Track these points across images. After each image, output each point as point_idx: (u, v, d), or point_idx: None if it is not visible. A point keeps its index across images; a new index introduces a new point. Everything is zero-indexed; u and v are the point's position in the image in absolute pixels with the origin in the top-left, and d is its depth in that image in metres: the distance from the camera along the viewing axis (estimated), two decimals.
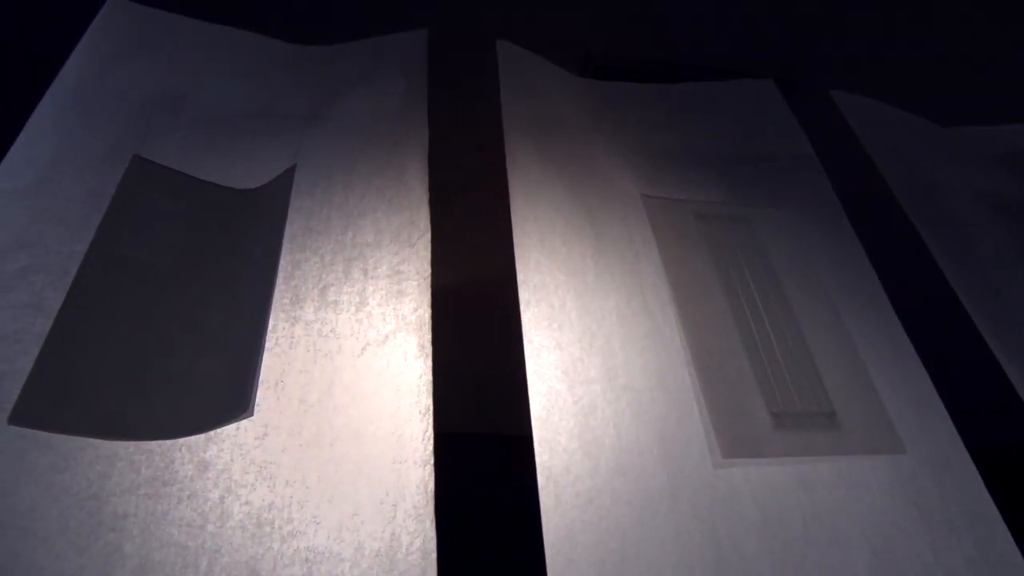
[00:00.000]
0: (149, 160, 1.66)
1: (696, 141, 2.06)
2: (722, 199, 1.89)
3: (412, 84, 1.89)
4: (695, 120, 2.13)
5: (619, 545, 1.20)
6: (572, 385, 1.40)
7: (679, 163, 1.98)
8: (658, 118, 2.12)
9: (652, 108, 2.15)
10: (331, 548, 1.16)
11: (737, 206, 1.87)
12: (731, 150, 2.06)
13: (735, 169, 1.99)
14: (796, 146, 2.06)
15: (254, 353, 1.36)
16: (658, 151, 2.01)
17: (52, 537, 1.14)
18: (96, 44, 1.85)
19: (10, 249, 1.43)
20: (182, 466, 1.23)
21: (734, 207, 1.87)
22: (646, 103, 2.17)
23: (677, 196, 1.86)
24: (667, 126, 2.09)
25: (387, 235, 1.57)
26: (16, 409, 1.23)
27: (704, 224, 1.79)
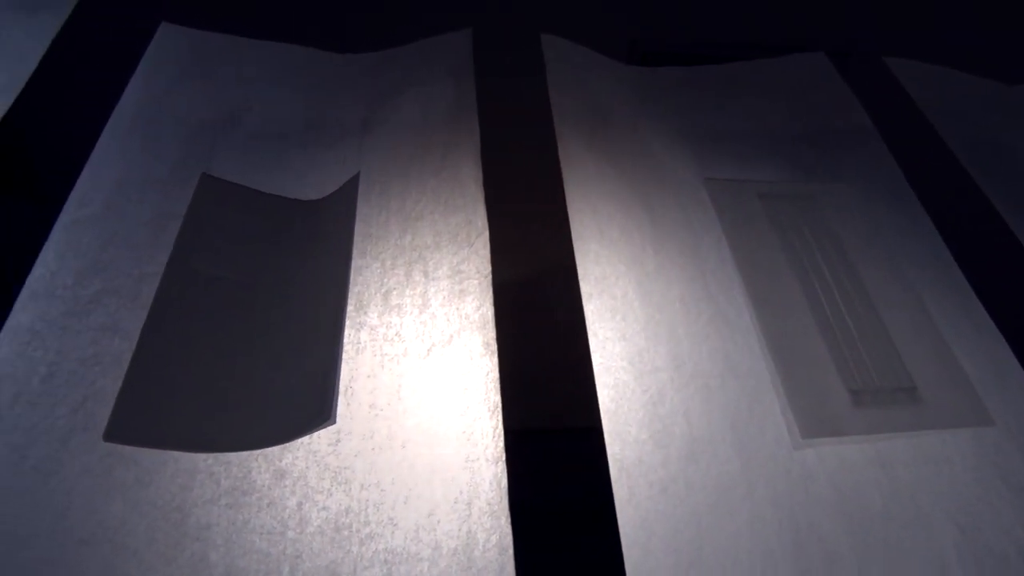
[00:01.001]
0: (217, 178, 1.70)
1: (751, 120, 2.03)
2: (784, 177, 1.86)
3: (460, 84, 1.91)
4: (749, 99, 2.10)
5: (695, 533, 1.19)
6: (639, 375, 1.39)
7: (736, 144, 1.95)
8: (710, 100, 2.09)
9: (703, 90, 2.13)
10: (409, 549, 1.18)
11: (800, 183, 1.84)
12: (788, 127, 2.02)
13: (794, 146, 1.95)
14: (854, 118, 2.01)
15: (332, 361, 1.38)
16: (713, 133, 1.98)
17: (141, 549, 1.18)
18: (152, 70, 1.91)
19: (85, 274, 1.49)
20: (259, 475, 1.26)
21: (797, 185, 1.84)
22: (697, 86, 2.14)
23: (737, 177, 1.83)
24: (720, 107, 2.07)
25: (445, 236, 1.58)
26: (110, 427, 1.28)
27: (768, 203, 1.76)
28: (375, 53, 2.07)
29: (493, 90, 1.91)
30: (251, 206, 1.69)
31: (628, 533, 1.19)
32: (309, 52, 2.05)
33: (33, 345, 1.37)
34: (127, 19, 2.02)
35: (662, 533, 1.19)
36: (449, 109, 1.86)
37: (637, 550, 1.17)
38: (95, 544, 1.18)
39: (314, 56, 2.05)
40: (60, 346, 1.38)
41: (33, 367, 1.35)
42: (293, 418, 1.33)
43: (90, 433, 1.28)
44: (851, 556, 1.20)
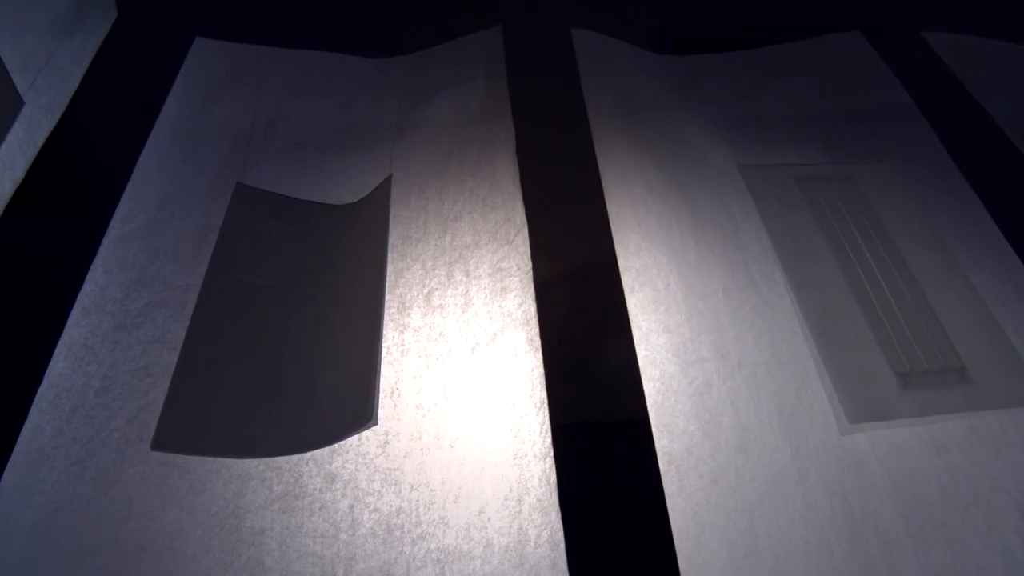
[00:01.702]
0: (251, 187, 1.72)
1: (787, 103, 2.01)
2: (822, 159, 1.83)
3: (492, 82, 1.91)
4: (783, 83, 2.08)
5: (748, 524, 1.18)
6: (685, 366, 1.38)
7: (772, 128, 1.93)
8: (745, 85, 2.07)
9: (736, 76, 2.11)
10: (461, 547, 1.19)
11: (838, 164, 1.82)
12: (825, 108, 1.99)
13: (832, 127, 1.93)
14: (892, 96, 1.98)
15: (372, 363, 1.40)
16: (749, 118, 1.96)
17: (199, 556, 1.20)
18: (188, 84, 1.94)
19: (133, 288, 1.52)
20: (310, 479, 1.28)
21: (835, 166, 1.81)
22: (731, 71, 2.13)
23: (774, 162, 1.82)
24: (755, 92, 2.05)
25: (485, 235, 1.59)
26: (157, 436, 1.31)
27: (806, 187, 1.74)
28: (406, 56, 2.08)
29: (525, 86, 1.91)
30: (287, 213, 1.71)
31: (680, 526, 1.18)
32: (340, 58, 2.07)
33: (87, 359, 1.41)
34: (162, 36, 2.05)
35: (714, 524, 1.18)
36: (482, 107, 1.87)
37: (689, 542, 1.17)
38: (155, 551, 1.21)
39: (345, 62, 2.06)
40: (112, 359, 1.41)
41: (88, 381, 1.38)
42: (337, 421, 1.35)
43: (145, 443, 1.31)
44: (909, 543, 1.18)
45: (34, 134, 1.57)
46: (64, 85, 1.68)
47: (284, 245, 1.66)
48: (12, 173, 1.49)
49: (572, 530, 1.19)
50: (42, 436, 1.31)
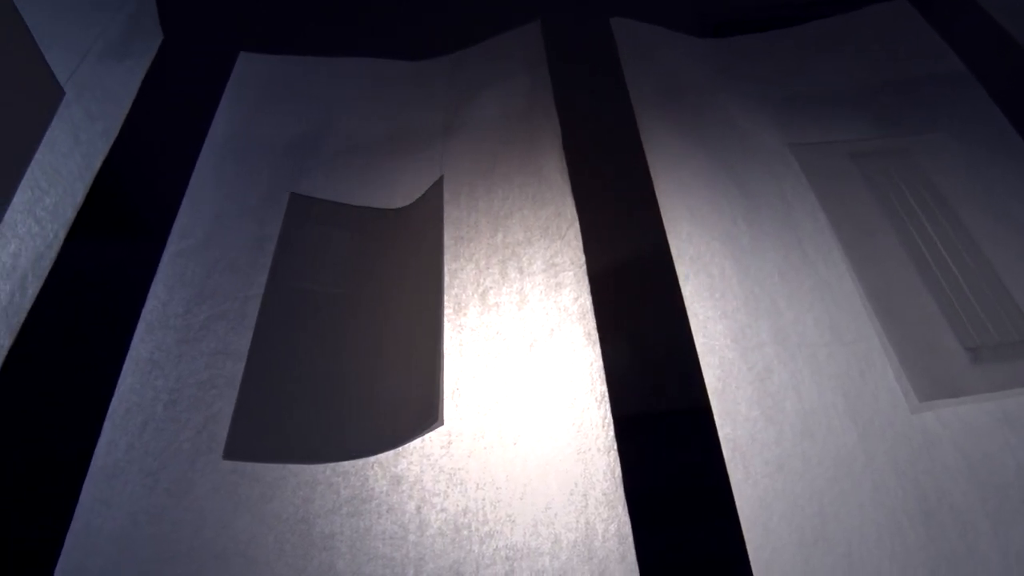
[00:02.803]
0: (305, 196, 1.75)
1: (835, 79, 1.97)
2: (875, 133, 1.80)
3: (535, 77, 1.91)
4: (828, 58, 2.04)
5: (817, 509, 1.17)
6: (744, 352, 1.37)
7: (822, 104, 1.90)
8: (789, 63, 2.04)
9: (780, 55, 2.07)
10: (529, 544, 1.19)
11: (892, 138, 1.78)
12: (876, 81, 1.95)
13: (883, 100, 1.89)
14: (944, 64, 1.93)
15: (435, 364, 1.41)
16: (796, 97, 1.93)
17: (272, 561, 1.23)
18: (236, 100, 1.98)
19: (194, 302, 1.55)
20: (377, 483, 1.30)
21: (889, 139, 1.77)
22: (775, 50, 2.09)
23: (825, 139, 1.78)
24: (802, 69, 2.01)
25: (536, 231, 1.59)
26: (228, 445, 1.34)
27: (860, 162, 1.71)
28: (448, 56, 2.09)
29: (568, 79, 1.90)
30: (341, 220, 1.73)
31: (747, 514, 1.17)
32: (383, 63, 2.08)
33: (154, 374, 1.44)
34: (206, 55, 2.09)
35: (782, 511, 1.17)
36: (527, 103, 1.87)
37: (758, 530, 1.15)
38: (229, 558, 1.23)
39: (388, 67, 2.08)
40: (178, 373, 1.45)
41: (156, 395, 1.42)
42: (402, 423, 1.36)
43: (214, 454, 1.34)
44: (986, 523, 1.15)
45: (91, 160, 1.61)
46: (117, 110, 1.72)
47: (340, 252, 1.68)
48: (73, 199, 1.54)
49: (639, 522, 1.18)
50: (116, 450, 1.34)
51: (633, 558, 1.15)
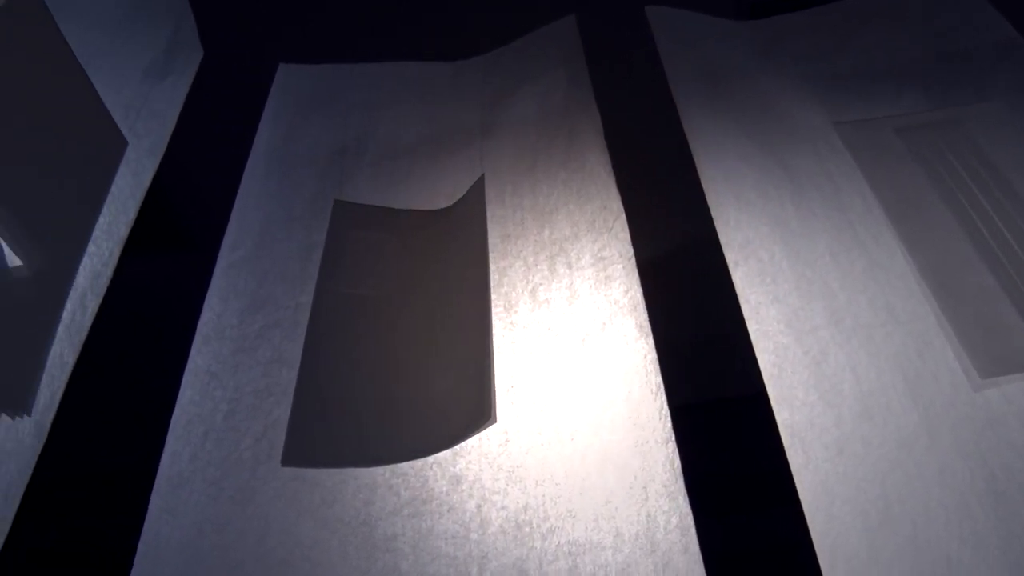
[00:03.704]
0: (349, 202, 1.77)
1: (880, 53, 1.93)
2: (922, 107, 1.76)
3: (572, 71, 1.90)
4: (869, 33, 1.99)
5: (880, 492, 1.15)
6: (798, 336, 1.35)
7: (866, 81, 1.86)
8: (830, 41, 2.00)
9: (820, 32, 2.04)
10: (591, 538, 1.19)
11: (941, 110, 1.74)
12: (919, 53, 1.91)
13: (931, 72, 1.85)
14: (995, 32, 1.88)
15: (486, 362, 1.41)
16: (838, 74, 1.90)
17: (336, 565, 1.24)
18: (278, 110, 2.00)
19: (247, 313, 1.58)
20: (436, 483, 1.31)
21: (938, 111, 1.74)
22: (814, 28, 2.06)
23: (870, 116, 1.75)
24: (844, 46, 1.97)
25: (583, 225, 1.59)
26: (286, 452, 1.36)
27: (907, 137, 1.68)
28: (484, 56, 2.09)
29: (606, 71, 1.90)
30: (386, 223, 1.74)
31: (809, 499, 1.16)
32: (420, 66, 2.09)
33: (212, 385, 1.47)
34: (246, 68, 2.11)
35: (845, 496, 1.15)
36: (565, 98, 1.86)
37: (821, 516, 1.14)
38: (294, 563, 1.25)
39: (425, 69, 2.09)
40: (236, 382, 1.47)
41: (216, 405, 1.44)
42: (457, 423, 1.37)
43: (274, 461, 1.36)
44: None
45: (140, 177, 1.64)
46: (162, 127, 1.75)
47: (387, 255, 1.69)
48: (126, 216, 1.57)
49: (700, 513, 1.18)
50: (180, 461, 1.37)
51: (696, 549, 1.14)
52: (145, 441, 1.47)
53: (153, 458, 1.37)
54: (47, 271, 1.28)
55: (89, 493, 1.96)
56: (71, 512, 1.89)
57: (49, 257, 1.29)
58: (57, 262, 1.32)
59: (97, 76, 1.48)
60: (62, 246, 1.35)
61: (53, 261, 1.31)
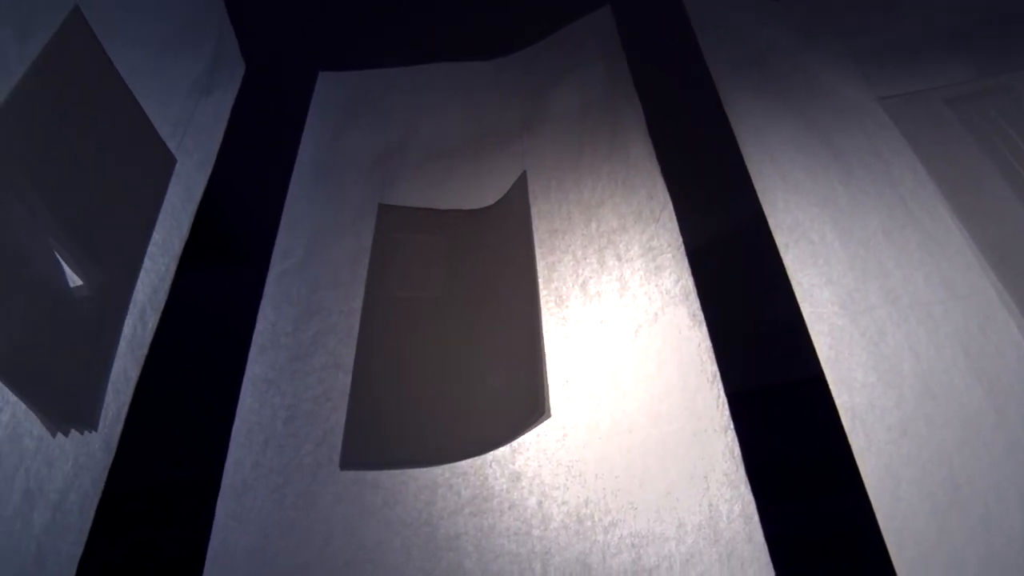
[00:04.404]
0: (394, 205, 1.78)
1: (926, 25, 1.89)
2: (972, 75, 1.71)
3: (611, 63, 1.89)
4: (919, 4, 1.95)
5: (947, 473, 1.12)
6: (854, 317, 1.33)
7: (911, 53, 1.82)
8: (872, 14, 1.96)
9: (863, 6, 2.00)
10: (653, 530, 1.19)
11: (991, 78, 1.69)
12: (967, 21, 1.86)
13: (980, 40, 1.80)
14: None
15: (537, 357, 1.41)
16: (881, 48, 1.86)
17: (400, 565, 1.26)
18: (320, 118, 2.02)
19: (301, 320, 1.60)
20: (496, 481, 1.31)
21: (989, 79, 1.69)
22: (853, 4, 2.02)
23: (917, 88, 1.71)
24: (889, 20, 1.93)
25: (630, 217, 1.58)
26: (343, 456, 1.37)
27: (957, 107, 1.64)
28: (521, 52, 2.09)
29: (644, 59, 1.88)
30: (431, 224, 1.75)
31: (873, 483, 1.14)
32: (459, 66, 2.10)
33: (271, 392, 1.49)
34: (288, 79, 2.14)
35: (911, 478, 1.13)
36: (605, 90, 1.86)
37: (886, 498, 1.12)
38: (359, 565, 1.27)
39: (463, 69, 2.09)
40: (293, 389, 1.49)
41: (275, 412, 1.47)
42: (512, 419, 1.37)
43: (334, 465, 1.38)
44: None
45: (192, 192, 1.67)
46: (210, 142, 1.78)
47: (434, 256, 1.70)
48: (180, 231, 1.60)
49: (763, 500, 1.17)
50: (243, 469, 1.40)
51: (761, 537, 1.13)
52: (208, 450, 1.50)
53: (216, 467, 1.40)
54: (107, 288, 1.31)
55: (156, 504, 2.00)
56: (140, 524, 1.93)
57: (108, 275, 1.32)
58: (116, 279, 1.35)
59: (145, 96, 1.51)
60: (119, 263, 1.38)
61: (112, 278, 1.34)
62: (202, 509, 1.37)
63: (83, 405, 1.23)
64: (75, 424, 1.20)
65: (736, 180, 1.57)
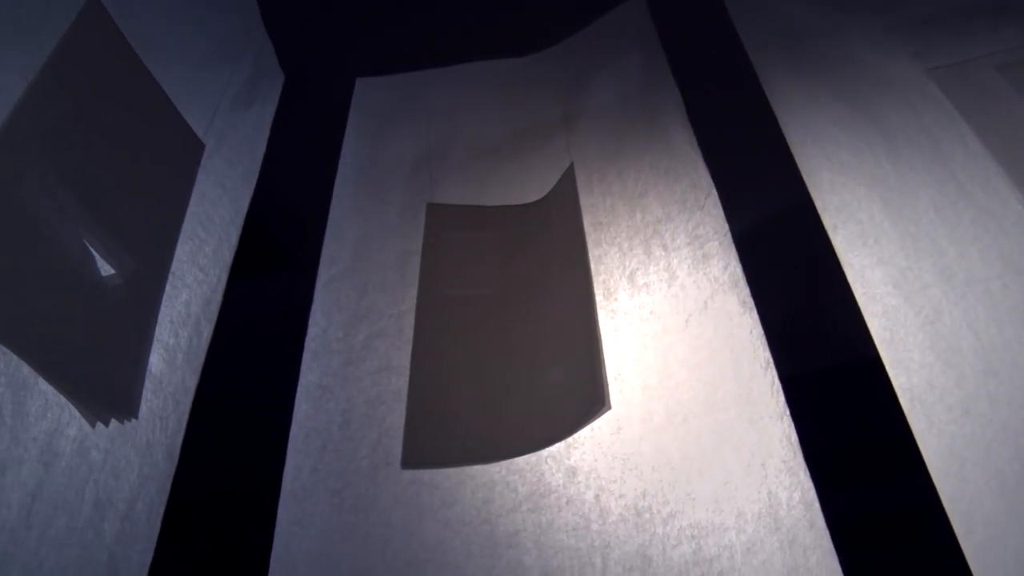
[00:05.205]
0: (441, 204, 1.78)
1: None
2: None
3: (647, 51, 1.87)
4: None
5: (1015, 452, 1.10)
6: (908, 296, 1.30)
7: (957, 20, 1.77)
8: None
9: None
10: (712, 520, 1.18)
11: None
12: None
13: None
14: None
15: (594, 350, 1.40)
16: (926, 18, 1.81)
17: (461, 564, 1.27)
18: (361, 123, 2.03)
19: (352, 324, 1.61)
20: (553, 476, 1.31)
21: None
22: None
23: (966, 57, 1.67)
24: None
25: (674, 205, 1.57)
26: (404, 456, 1.38)
27: (1010, 74, 1.59)
28: (557, 46, 2.08)
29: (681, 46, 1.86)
30: (479, 222, 1.75)
31: (937, 464, 1.12)
32: (495, 63, 2.09)
33: (325, 398, 1.51)
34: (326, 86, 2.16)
35: (975, 458, 1.11)
36: (643, 79, 1.84)
37: (951, 480, 1.10)
38: (419, 565, 1.28)
39: (501, 66, 2.09)
40: (347, 394, 1.51)
41: (330, 418, 1.48)
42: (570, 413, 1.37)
43: (391, 467, 1.39)
44: None
45: (239, 203, 1.70)
46: (253, 153, 1.81)
47: (485, 252, 1.70)
48: (229, 242, 1.63)
49: (822, 486, 1.15)
50: (302, 474, 1.42)
51: (822, 523, 1.12)
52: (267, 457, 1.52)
53: (275, 473, 1.42)
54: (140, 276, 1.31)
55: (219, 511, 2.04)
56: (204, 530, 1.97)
57: (140, 262, 1.32)
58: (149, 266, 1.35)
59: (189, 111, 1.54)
60: (152, 250, 1.38)
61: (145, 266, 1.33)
62: (264, 515, 1.39)
63: (122, 394, 1.22)
64: (115, 413, 1.19)
65: (780, 163, 1.55)
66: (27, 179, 1.13)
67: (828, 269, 1.38)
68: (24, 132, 1.13)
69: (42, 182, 1.15)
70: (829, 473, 1.22)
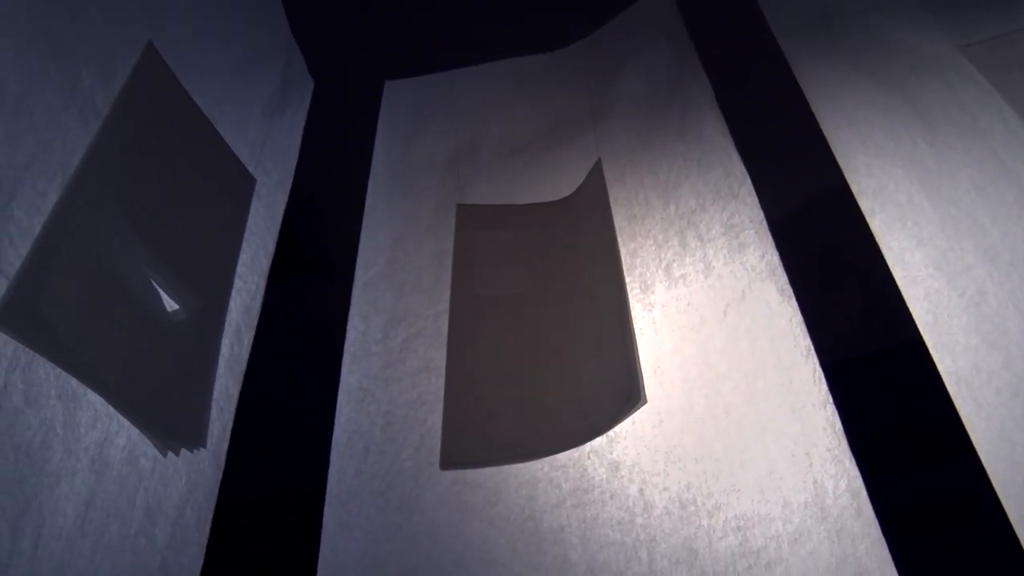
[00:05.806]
0: (471, 204, 1.79)
1: None
2: None
3: (675, 41, 1.86)
4: None
5: None
6: (951, 278, 1.28)
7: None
8: None
9: None
10: (758, 511, 1.17)
11: None
12: None
13: None
14: None
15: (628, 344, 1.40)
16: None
17: (508, 561, 1.27)
18: (391, 127, 2.04)
19: (390, 327, 1.62)
20: (596, 471, 1.31)
21: None
22: None
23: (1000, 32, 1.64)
24: None
25: (708, 196, 1.55)
26: (443, 456, 1.39)
27: None
28: (583, 40, 2.07)
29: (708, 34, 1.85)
30: (510, 220, 1.75)
31: (986, 449, 1.10)
32: (522, 61, 2.09)
33: (366, 401, 1.52)
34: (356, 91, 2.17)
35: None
36: (671, 70, 1.83)
37: (1001, 464, 1.08)
38: (466, 563, 1.29)
39: (528, 63, 2.09)
40: (388, 396, 1.52)
41: (372, 420, 1.49)
42: (607, 408, 1.37)
43: (434, 467, 1.40)
44: None
45: (274, 210, 1.72)
46: (286, 160, 1.82)
47: (516, 251, 1.70)
48: (265, 250, 1.64)
49: (869, 473, 1.14)
50: (346, 477, 1.43)
51: (870, 512, 1.11)
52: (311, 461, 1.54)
53: (320, 476, 1.44)
54: (202, 310, 1.36)
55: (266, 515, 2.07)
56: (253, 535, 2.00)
57: (202, 297, 1.37)
58: (209, 300, 1.40)
59: (221, 122, 1.56)
60: (212, 285, 1.43)
61: (206, 300, 1.38)
62: (310, 518, 1.41)
63: (190, 424, 1.28)
64: (185, 443, 1.25)
65: (814, 148, 1.53)
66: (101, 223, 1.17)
67: (867, 253, 1.36)
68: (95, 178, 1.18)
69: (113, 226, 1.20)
70: (875, 460, 1.21)
